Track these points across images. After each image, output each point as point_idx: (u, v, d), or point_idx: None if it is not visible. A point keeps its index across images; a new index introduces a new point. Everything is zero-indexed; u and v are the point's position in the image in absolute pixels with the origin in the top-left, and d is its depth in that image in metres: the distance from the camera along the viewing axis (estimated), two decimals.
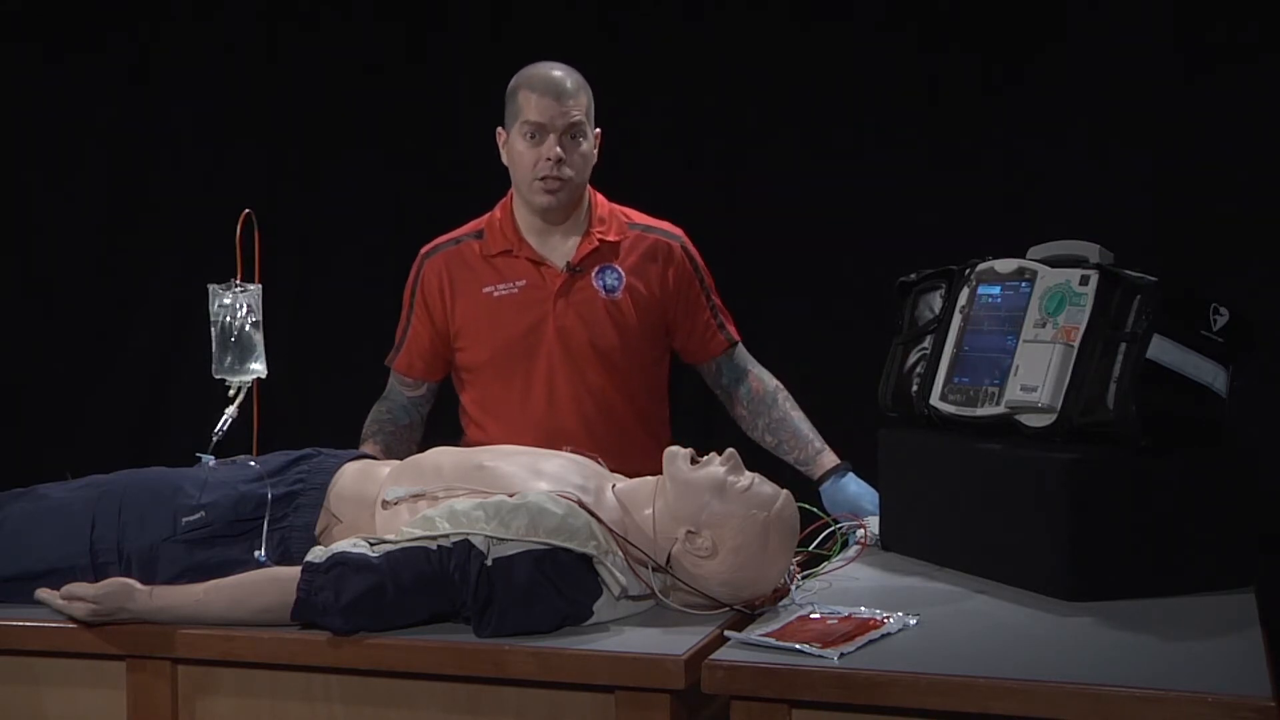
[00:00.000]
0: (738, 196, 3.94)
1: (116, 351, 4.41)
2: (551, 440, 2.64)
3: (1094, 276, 2.19)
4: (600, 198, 2.89)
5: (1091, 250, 2.26)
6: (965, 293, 2.40)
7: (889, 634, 1.91)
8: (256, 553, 2.15)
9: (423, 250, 2.89)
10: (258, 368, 2.37)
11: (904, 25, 3.83)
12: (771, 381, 2.92)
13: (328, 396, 4.04)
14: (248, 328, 2.35)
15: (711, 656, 1.84)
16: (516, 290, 2.80)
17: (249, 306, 2.35)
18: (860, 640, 1.86)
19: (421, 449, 2.33)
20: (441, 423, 2.89)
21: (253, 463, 2.29)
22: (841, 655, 1.80)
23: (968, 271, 2.42)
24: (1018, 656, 1.81)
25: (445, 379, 2.92)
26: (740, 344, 2.94)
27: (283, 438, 2.46)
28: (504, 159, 2.82)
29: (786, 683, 1.78)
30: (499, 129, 2.82)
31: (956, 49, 3.79)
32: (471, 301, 2.82)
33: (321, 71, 4.28)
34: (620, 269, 2.83)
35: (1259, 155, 3.52)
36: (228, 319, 2.35)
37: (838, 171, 3.89)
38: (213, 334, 2.35)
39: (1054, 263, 2.28)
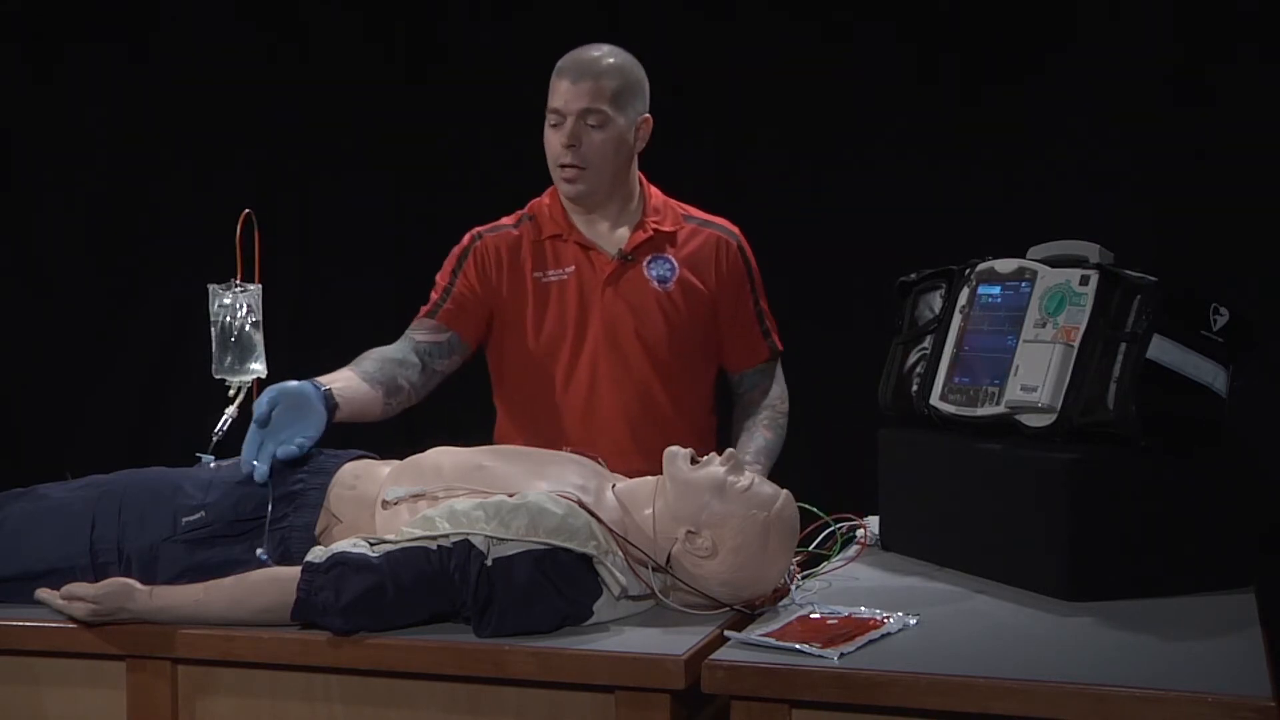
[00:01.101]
0: (737, 196, 3.94)
1: (116, 351, 4.41)
2: (589, 432, 2.63)
3: (1094, 276, 2.19)
4: (654, 189, 2.84)
5: (1091, 250, 2.26)
6: (965, 293, 2.40)
7: (889, 634, 1.91)
8: (259, 551, 2.15)
9: (475, 230, 2.81)
10: (258, 368, 2.37)
11: (905, 25, 3.83)
12: (772, 399, 2.86)
13: None
14: (248, 328, 2.35)
15: (711, 656, 1.84)
16: (566, 276, 2.75)
17: (249, 306, 2.36)
18: (860, 640, 1.86)
19: (422, 449, 2.31)
20: (442, 423, 2.88)
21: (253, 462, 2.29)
22: (841, 655, 1.80)
23: (968, 271, 2.42)
24: (1018, 656, 1.81)
25: (468, 355, 2.78)
26: (778, 355, 2.89)
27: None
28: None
29: (786, 683, 1.78)
30: None
31: (958, 49, 3.80)
32: (520, 286, 2.76)
33: (322, 71, 4.28)
34: (674, 260, 2.78)
35: (1259, 155, 3.52)
36: (228, 319, 2.35)
37: (838, 171, 3.89)
38: (213, 334, 2.36)
39: (1054, 263, 2.28)
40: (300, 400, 2.31)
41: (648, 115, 2.77)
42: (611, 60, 2.71)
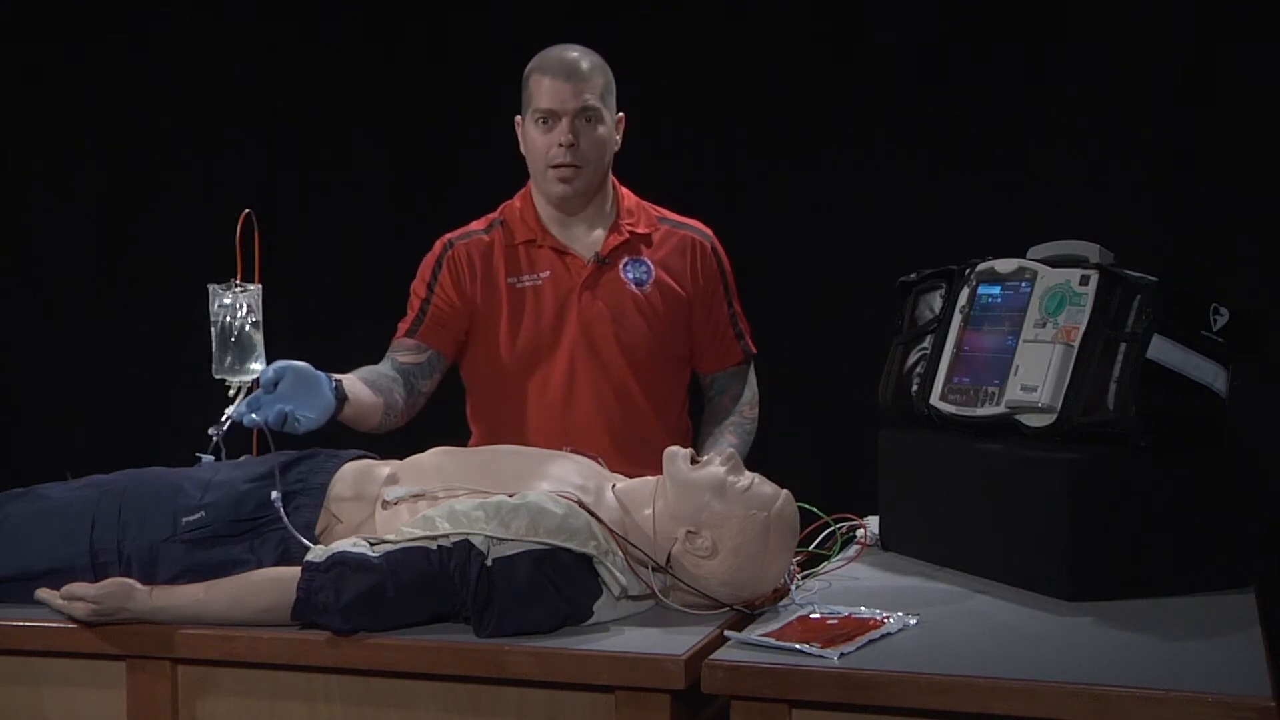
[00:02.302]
0: (737, 196, 3.95)
1: (116, 351, 4.41)
2: (567, 436, 2.61)
3: (1094, 276, 2.19)
4: (626, 191, 2.82)
5: (1091, 250, 2.26)
6: (965, 293, 2.40)
7: (889, 634, 1.91)
8: (274, 494, 2.14)
9: (446, 237, 2.80)
10: (258, 368, 2.37)
11: (904, 25, 3.83)
12: (741, 404, 2.85)
13: None
14: (248, 328, 2.35)
15: (711, 656, 1.84)
16: (540, 281, 2.74)
17: (249, 306, 2.36)
18: (860, 640, 1.86)
19: (422, 449, 2.32)
20: (442, 423, 2.88)
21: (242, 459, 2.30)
22: (841, 655, 1.80)
23: (968, 271, 2.42)
24: (1018, 656, 1.81)
25: (447, 368, 2.79)
26: (751, 359, 2.88)
27: (282, 438, 2.46)
28: (522, 148, 2.76)
29: (786, 683, 1.78)
30: (517, 117, 2.76)
31: (957, 49, 3.80)
32: (495, 293, 2.74)
33: (322, 71, 4.28)
34: (650, 262, 2.77)
35: (1260, 155, 3.52)
36: (228, 319, 2.35)
37: (838, 171, 3.89)
38: (213, 334, 2.36)
39: (1054, 263, 2.28)
40: (309, 381, 2.30)
41: (621, 114, 2.77)
42: (592, 59, 2.71)
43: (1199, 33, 3.59)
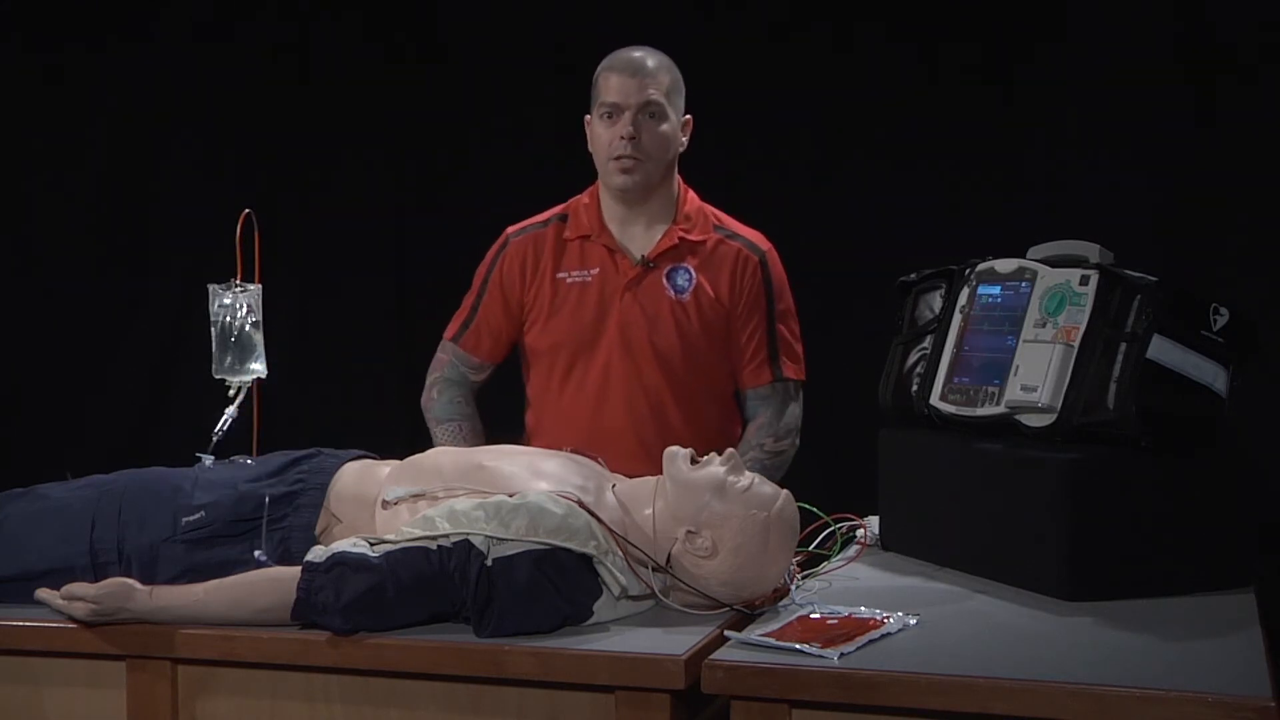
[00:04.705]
0: (737, 196, 3.94)
1: (116, 351, 4.41)
2: (598, 437, 2.62)
3: (1094, 276, 2.19)
4: (691, 194, 2.84)
5: (1091, 250, 2.26)
6: (965, 293, 2.40)
7: (889, 634, 1.91)
8: (257, 553, 2.15)
9: (509, 230, 2.86)
10: (258, 368, 2.38)
11: (905, 25, 3.83)
12: (763, 436, 2.82)
13: (328, 396, 4.04)
14: (248, 328, 2.36)
15: (711, 656, 1.84)
16: (589, 278, 2.77)
17: (249, 306, 2.36)
18: (860, 640, 1.86)
19: (422, 449, 2.32)
20: None
21: (249, 461, 2.30)
22: (841, 655, 1.80)
23: (968, 271, 2.42)
24: (1018, 656, 1.81)
25: (498, 363, 2.89)
26: (787, 384, 2.84)
27: (283, 438, 2.46)
28: (590, 146, 2.80)
29: (786, 683, 1.78)
30: (586, 116, 2.80)
31: (957, 48, 3.80)
32: (544, 286, 2.79)
33: (322, 71, 4.28)
34: (692, 270, 2.77)
35: (1259, 155, 3.52)
36: (228, 319, 2.35)
37: (838, 171, 3.89)
38: (213, 334, 2.36)
39: (1054, 263, 2.28)
40: None
41: (689, 115, 2.79)
42: (659, 58, 2.77)
43: (1198, 32, 3.59)
